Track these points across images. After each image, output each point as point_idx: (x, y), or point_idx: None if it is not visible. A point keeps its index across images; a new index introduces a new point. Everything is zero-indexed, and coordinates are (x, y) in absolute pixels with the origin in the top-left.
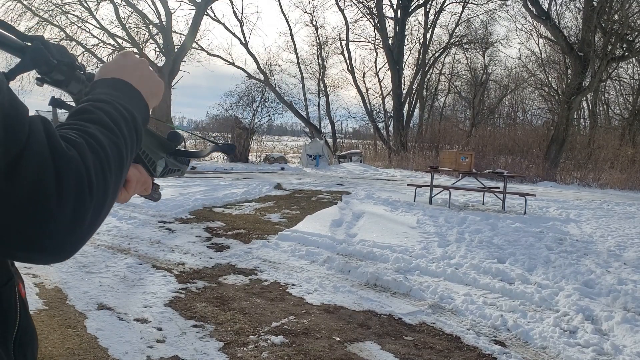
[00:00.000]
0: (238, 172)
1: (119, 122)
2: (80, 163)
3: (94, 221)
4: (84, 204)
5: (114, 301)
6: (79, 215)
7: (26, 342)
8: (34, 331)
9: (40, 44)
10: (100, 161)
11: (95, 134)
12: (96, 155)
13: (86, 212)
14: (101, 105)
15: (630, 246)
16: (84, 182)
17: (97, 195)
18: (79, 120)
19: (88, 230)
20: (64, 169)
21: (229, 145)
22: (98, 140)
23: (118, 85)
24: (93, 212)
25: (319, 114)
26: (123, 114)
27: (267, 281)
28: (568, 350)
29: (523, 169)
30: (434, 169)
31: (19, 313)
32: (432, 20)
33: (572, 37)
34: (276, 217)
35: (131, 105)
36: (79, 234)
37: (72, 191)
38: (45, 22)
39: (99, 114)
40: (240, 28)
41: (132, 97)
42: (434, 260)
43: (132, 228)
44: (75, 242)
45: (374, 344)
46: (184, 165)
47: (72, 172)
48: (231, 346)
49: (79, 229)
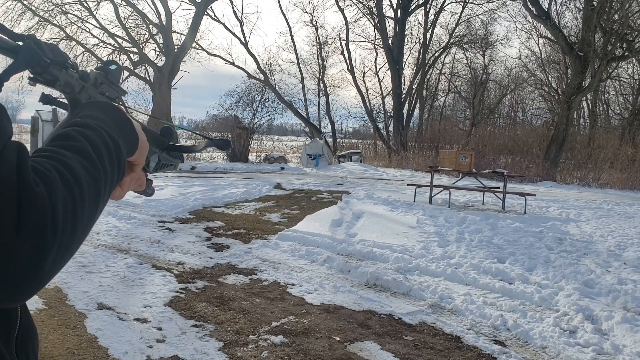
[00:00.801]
0: (238, 172)
1: (101, 153)
2: (47, 201)
3: (58, 261)
4: (44, 244)
5: (114, 301)
6: (38, 254)
7: (28, 340)
8: (34, 329)
9: (33, 43)
10: (72, 198)
11: (73, 167)
12: (69, 191)
13: (47, 252)
14: (86, 132)
15: (630, 246)
16: (47, 221)
17: (63, 235)
18: (60, 147)
19: (50, 270)
20: (27, 203)
21: (223, 141)
22: (75, 175)
23: (109, 109)
24: (57, 253)
25: (319, 114)
26: (108, 144)
27: (267, 281)
28: (568, 350)
29: (523, 168)
30: (433, 169)
31: (20, 311)
32: (432, 20)
33: (572, 36)
34: (276, 217)
35: (119, 133)
36: (38, 275)
37: (30, 228)
38: (45, 22)
39: (82, 142)
40: (240, 28)
41: (122, 124)
42: (433, 260)
43: (132, 228)
44: (33, 283)
45: (374, 343)
46: (177, 160)
47: (34, 209)
48: (231, 346)
49: (40, 270)
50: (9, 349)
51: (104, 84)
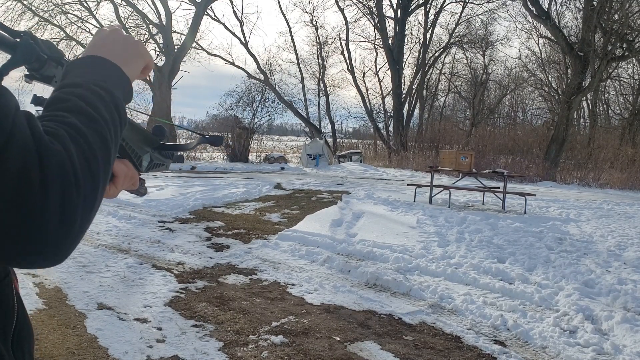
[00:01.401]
0: (238, 171)
1: (95, 105)
2: (65, 156)
3: (86, 216)
4: (71, 199)
5: (114, 301)
6: (67, 210)
7: (24, 337)
8: (30, 327)
9: (30, 39)
10: (82, 151)
11: (74, 123)
12: (78, 145)
13: (75, 206)
14: (74, 90)
15: (630, 246)
16: (70, 176)
17: (85, 188)
18: (55, 110)
19: (81, 226)
20: (48, 161)
21: (215, 137)
22: (78, 130)
23: (90, 63)
24: (83, 206)
25: (319, 114)
26: (99, 94)
27: (267, 281)
28: (568, 350)
29: (523, 168)
30: (434, 169)
31: (17, 309)
32: (432, 20)
33: (572, 36)
34: (276, 216)
35: (109, 81)
36: (72, 231)
37: (57, 185)
38: (45, 22)
39: (73, 100)
40: (240, 28)
41: (108, 72)
42: (434, 260)
43: (132, 228)
44: (68, 241)
45: (374, 343)
46: (168, 160)
47: (56, 166)
48: (231, 346)
49: (73, 226)
50: (5, 347)
51: None
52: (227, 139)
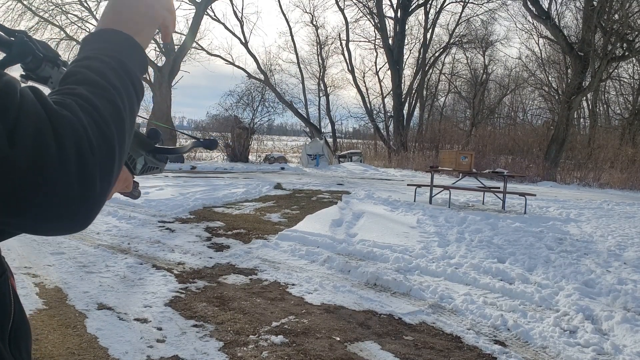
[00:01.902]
0: (238, 172)
1: (104, 73)
2: (76, 122)
3: (105, 179)
4: (87, 162)
5: (114, 301)
6: (86, 173)
7: (20, 336)
8: (28, 325)
9: (25, 37)
10: (92, 118)
11: (83, 94)
12: (86, 113)
13: (93, 169)
14: (84, 62)
15: (630, 246)
16: (84, 141)
17: (100, 151)
18: (64, 85)
19: (101, 191)
20: (61, 127)
21: (210, 141)
22: (85, 98)
23: (100, 37)
24: (100, 170)
25: (319, 114)
26: (109, 63)
27: (267, 281)
28: (568, 350)
29: (523, 168)
30: (434, 169)
31: (14, 307)
32: (432, 20)
33: (572, 36)
34: (276, 217)
35: (120, 51)
36: (93, 196)
37: (72, 149)
38: (45, 22)
39: (83, 72)
40: (240, 28)
41: (118, 42)
42: (434, 260)
43: (132, 228)
44: (90, 205)
45: (374, 343)
46: (162, 163)
47: (69, 131)
48: (231, 346)
49: (93, 190)
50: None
51: None
52: (227, 139)
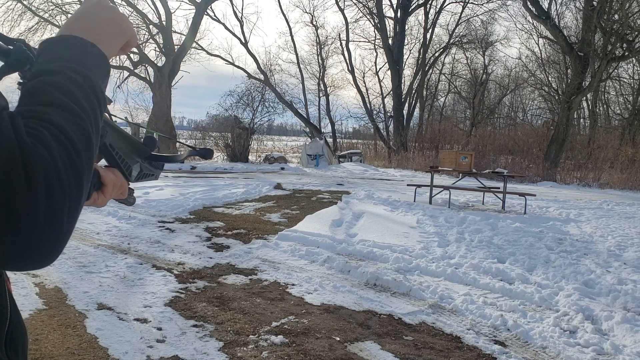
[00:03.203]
0: (238, 172)
1: (74, 95)
2: (49, 159)
3: (72, 215)
4: (57, 200)
5: (114, 301)
6: (54, 211)
7: (17, 338)
8: (24, 329)
9: (23, 46)
10: (66, 151)
11: (55, 121)
12: (61, 145)
13: (61, 207)
14: (51, 79)
15: (630, 246)
16: (53, 178)
17: (70, 188)
18: (34, 104)
19: (68, 226)
20: (32, 165)
21: (206, 150)
22: (60, 127)
23: (65, 44)
24: (69, 206)
25: (319, 114)
26: (77, 82)
27: (267, 281)
28: (568, 350)
29: (523, 169)
30: (434, 169)
31: (10, 309)
32: (432, 20)
33: (572, 37)
34: (276, 217)
35: (85, 63)
36: (60, 232)
37: (42, 188)
38: (46, 22)
39: (52, 93)
40: (240, 28)
41: (83, 51)
42: (434, 260)
43: (132, 228)
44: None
45: (374, 343)
46: (158, 170)
47: (40, 169)
48: (231, 346)
49: (60, 226)
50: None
51: None
52: (227, 139)
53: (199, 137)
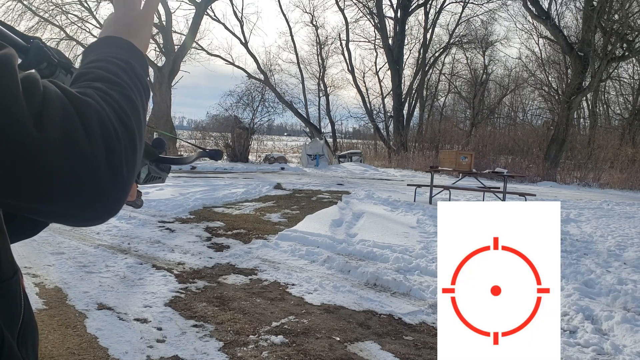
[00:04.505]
0: (238, 172)
1: (116, 72)
2: (100, 109)
3: (130, 166)
4: (114, 147)
5: (114, 301)
6: (114, 158)
7: (28, 335)
8: (35, 325)
9: (41, 43)
10: (113, 108)
11: (101, 87)
12: (108, 103)
13: (119, 155)
14: (94, 64)
15: (630, 246)
16: (109, 126)
17: (123, 139)
18: (78, 82)
19: (128, 175)
20: (86, 112)
21: (215, 151)
22: (104, 91)
23: (103, 43)
24: (126, 156)
25: (319, 114)
26: (118, 64)
27: (267, 281)
28: (568, 350)
29: (523, 168)
30: (434, 169)
31: (23, 307)
32: (432, 20)
33: (572, 37)
34: (276, 217)
35: (125, 54)
36: (120, 180)
37: (99, 135)
38: (46, 22)
39: (95, 71)
40: (240, 28)
41: (121, 47)
42: (433, 260)
43: (132, 228)
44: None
45: (374, 343)
46: (165, 173)
47: (94, 117)
48: (231, 346)
49: (119, 174)
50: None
51: None
52: (227, 139)
53: (199, 137)
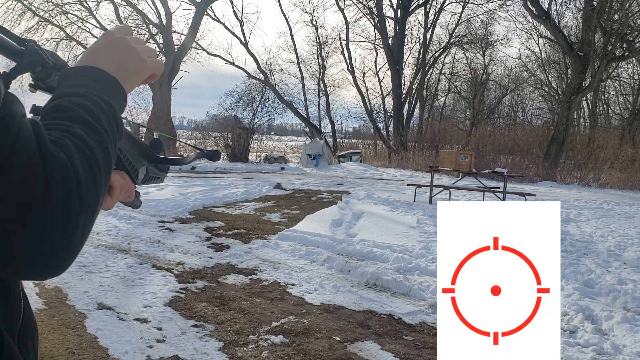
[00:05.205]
0: (238, 172)
1: (98, 117)
2: (69, 167)
3: (87, 226)
4: (73, 208)
5: (114, 301)
6: (70, 219)
7: (28, 335)
8: (35, 325)
9: (36, 46)
10: (88, 163)
11: (80, 134)
12: (83, 156)
13: (77, 216)
14: (77, 100)
15: (630, 246)
16: (73, 186)
17: (88, 198)
18: (58, 119)
19: (81, 237)
20: (52, 170)
21: (213, 152)
22: (84, 141)
23: (89, 73)
24: (85, 216)
25: (319, 114)
26: (101, 106)
27: (267, 281)
28: (568, 350)
29: (523, 168)
30: (434, 169)
31: (23, 307)
32: (432, 20)
33: (572, 36)
34: (276, 216)
35: (107, 93)
36: (73, 241)
37: (60, 194)
38: (46, 22)
39: (77, 111)
40: (240, 28)
41: (106, 84)
42: (433, 260)
43: (132, 228)
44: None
45: (374, 343)
46: (163, 173)
47: (60, 175)
48: (231, 346)
49: (74, 236)
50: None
51: None
52: (227, 139)
53: (199, 137)
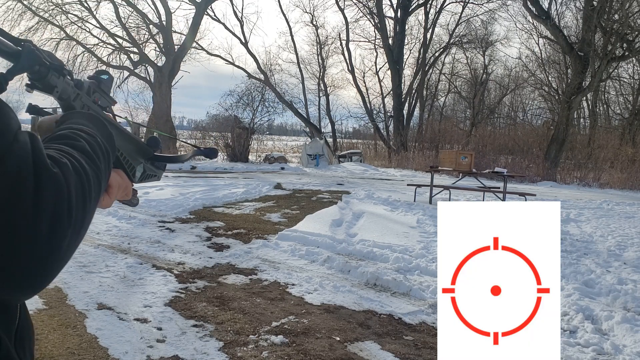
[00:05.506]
0: (238, 171)
1: (98, 153)
2: (63, 182)
3: (71, 245)
4: (61, 224)
5: (114, 301)
6: (56, 235)
7: (25, 337)
8: (31, 326)
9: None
10: (82, 185)
11: (79, 159)
12: (79, 178)
13: (64, 232)
14: (83, 134)
15: (630, 246)
16: (64, 202)
17: (76, 218)
18: (62, 144)
19: (65, 254)
20: (45, 182)
21: (210, 150)
22: (82, 165)
23: (96, 121)
24: (71, 234)
25: (319, 114)
26: (102, 147)
27: (267, 281)
28: (568, 350)
29: (523, 168)
30: (434, 169)
31: (19, 307)
32: (432, 20)
33: (572, 36)
34: (276, 216)
35: (108, 142)
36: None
37: (49, 207)
38: (46, 21)
39: (81, 142)
40: (240, 28)
41: (106, 136)
42: (433, 260)
43: (132, 228)
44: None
45: (374, 343)
46: (160, 171)
47: (52, 189)
48: (231, 346)
49: (57, 253)
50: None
51: (97, 93)
52: (227, 139)
53: (199, 137)
